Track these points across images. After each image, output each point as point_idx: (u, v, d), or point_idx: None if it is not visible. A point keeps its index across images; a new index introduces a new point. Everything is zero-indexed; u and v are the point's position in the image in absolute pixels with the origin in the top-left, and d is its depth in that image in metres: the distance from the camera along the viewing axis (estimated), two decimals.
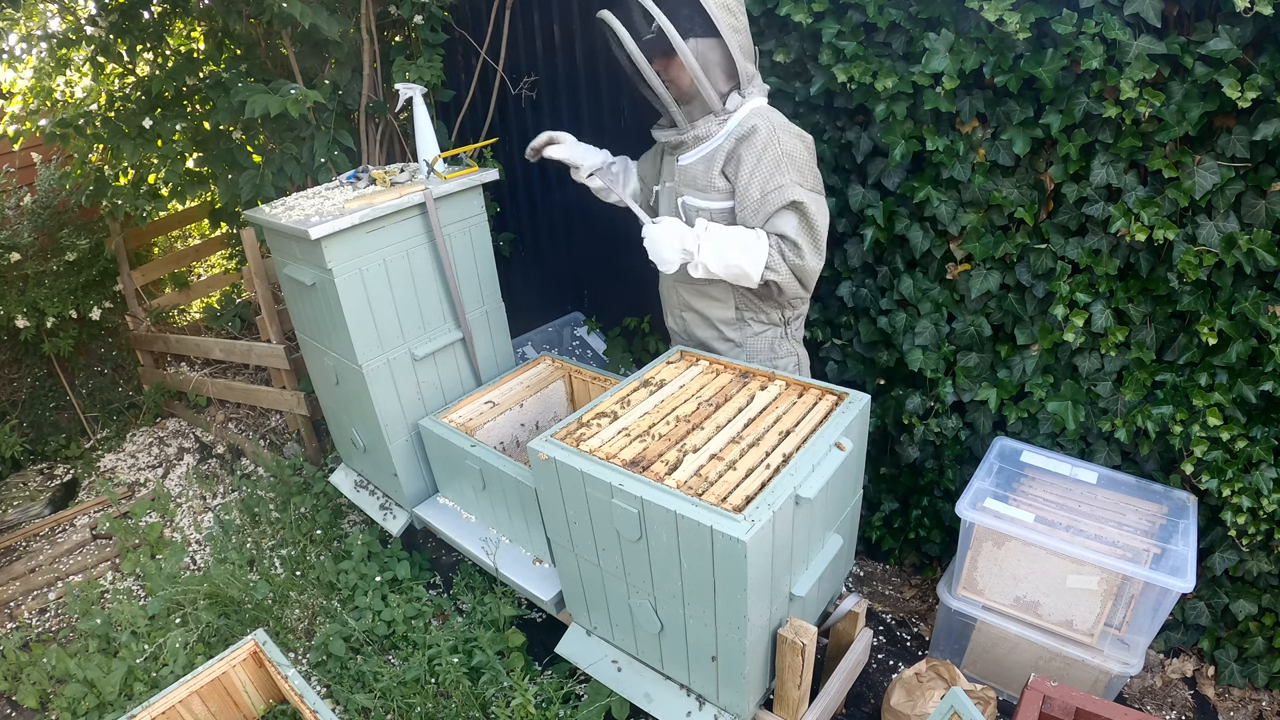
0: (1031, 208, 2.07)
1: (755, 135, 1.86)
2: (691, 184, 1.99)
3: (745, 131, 1.88)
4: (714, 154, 1.94)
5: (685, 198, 2.01)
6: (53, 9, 3.63)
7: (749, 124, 1.88)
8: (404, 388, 2.50)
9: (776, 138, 1.87)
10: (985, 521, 2.00)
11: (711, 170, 1.94)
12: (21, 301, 4.05)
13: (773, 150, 1.86)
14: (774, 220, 1.88)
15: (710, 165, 1.94)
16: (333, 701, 2.41)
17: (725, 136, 1.92)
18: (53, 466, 4.17)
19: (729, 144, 1.91)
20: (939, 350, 2.34)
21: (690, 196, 2.00)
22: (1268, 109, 1.69)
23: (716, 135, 1.93)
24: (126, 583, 3.15)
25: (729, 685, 1.77)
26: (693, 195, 2.00)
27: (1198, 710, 2.20)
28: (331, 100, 3.29)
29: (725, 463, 1.73)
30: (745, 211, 1.91)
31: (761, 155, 1.86)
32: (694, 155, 1.98)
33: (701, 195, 1.98)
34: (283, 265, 2.48)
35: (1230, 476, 1.95)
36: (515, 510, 2.25)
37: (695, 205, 2.00)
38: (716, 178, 1.94)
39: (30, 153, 4.35)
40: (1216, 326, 1.89)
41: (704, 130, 1.94)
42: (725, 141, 1.92)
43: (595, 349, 3.45)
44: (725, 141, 1.92)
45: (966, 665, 2.26)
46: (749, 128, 1.87)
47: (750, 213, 1.90)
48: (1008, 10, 1.85)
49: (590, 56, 3.02)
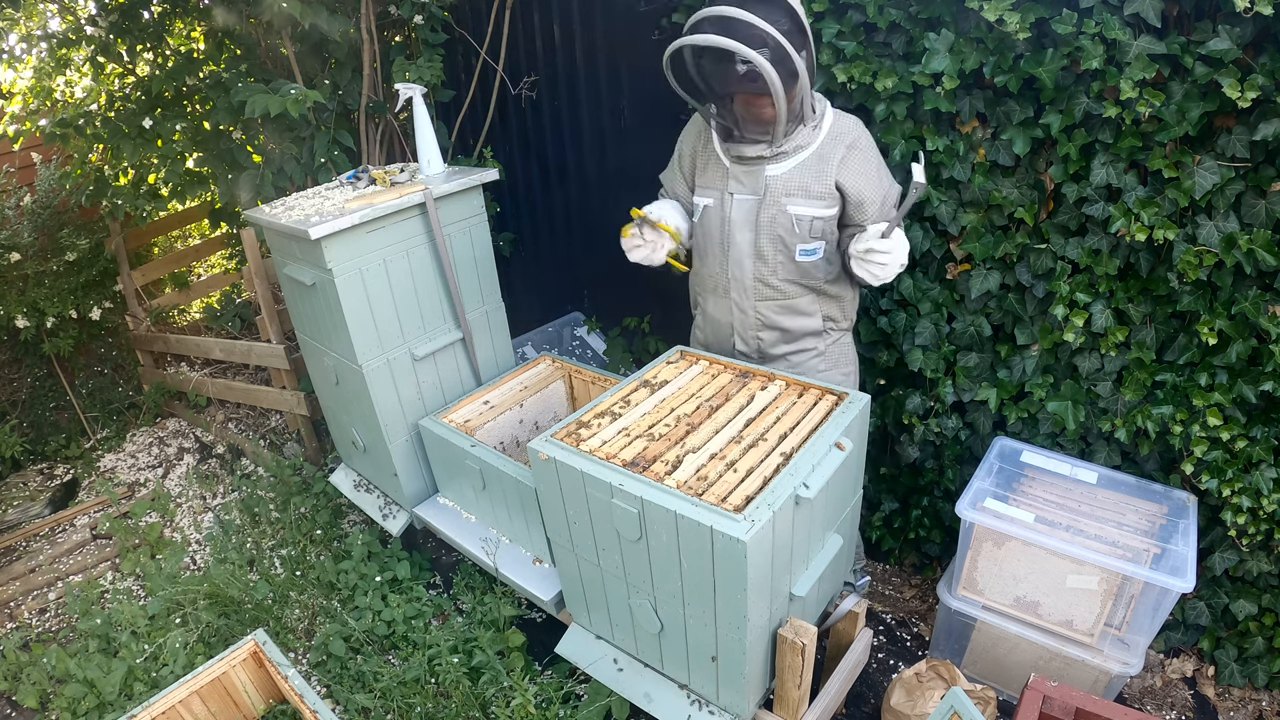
0: (1031, 208, 2.07)
1: (861, 143, 1.91)
2: (800, 193, 1.93)
3: (851, 139, 1.90)
4: (819, 162, 1.91)
5: (794, 208, 1.93)
6: (53, 9, 3.63)
7: (849, 132, 1.91)
8: (404, 388, 2.50)
9: (872, 142, 1.94)
10: (985, 521, 2.00)
11: (825, 179, 1.90)
12: (21, 301, 4.05)
13: (874, 152, 1.93)
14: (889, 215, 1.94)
15: (822, 174, 1.91)
16: (333, 701, 2.41)
17: (821, 142, 1.91)
18: (53, 466, 4.17)
19: (834, 151, 1.90)
20: (939, 350, 2.34)
21: (800, 206, 1.93)
22: (1268, 109, 1.69)
23: (814, 142, 1.91)
24: (126, 583, 3.15)
25: (729, 685, 1.77)
26: (805, 205, 1.93)
27: (1198, 710, 2.20)
28: (331, 100, 3.29)
29: (725, 463, 1.73)
30: (874, 213, 1.93)
31: (868, 162, 1.91)
32: (788, 164, 1.93)
33: (820, 204, 1.93)
34: (283, 265, 2.48)
35: (1230, 476, 1.95)
36: (515, 510, 2.25)
37: (810, 215, 1.94)
38: (832, 187, 1.91)
39: (30, 153, 4.36)
40: (1216, 326, 1.88)
41: (802, 140, 1.91)
42: (826, 148, 1.90)
43: (595, 349, 3.45)
44: (826, 148, 1.90)
45: (966, 665, 2.26)
46: (852, 137, 1.90)
47: (877, 213, 1.93)
48: (1008, 10, 1.85)
49: (590, 56, 3.03)
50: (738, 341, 2.17)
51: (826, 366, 2.14)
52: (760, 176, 1.95)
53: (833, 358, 2.14)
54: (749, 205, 1.99)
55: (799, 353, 2.12)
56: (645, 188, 3.05)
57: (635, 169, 3.06)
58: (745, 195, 1.99)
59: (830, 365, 2.14)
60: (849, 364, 2.19)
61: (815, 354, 2.12)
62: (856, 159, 1.90)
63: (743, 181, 1.98)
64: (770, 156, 1.92)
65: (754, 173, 1.96)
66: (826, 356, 2.13)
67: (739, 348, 2.18)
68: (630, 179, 3.09)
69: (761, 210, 1.97)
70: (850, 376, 2.20)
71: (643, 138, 2.98)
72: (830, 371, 2.14)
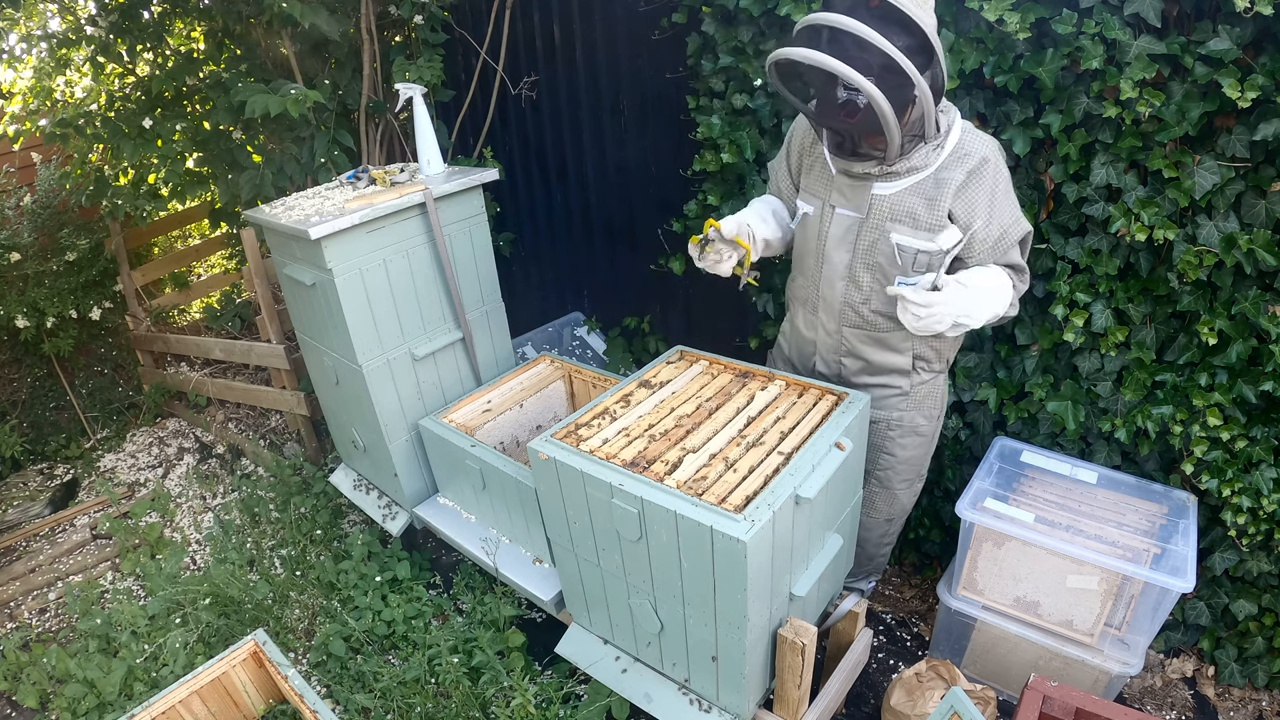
0: (1031, 208, 2.07)
1: (986, 167, 1.66)
2: (907, 220, 1.71)
3: (975, 163, 1.65)
4: (934, 187, 1.68)
5: (899, 237, 1.73)
6: (53, 9, 3.63)
7: (975, 152, 1.66)
8: (404, 388, 2.50)
9: (1001, 167, 1.69)
10: (985, 521, 1.99)
11: (938, 207, 1.67)
12: (21, 301, 4.05)
13: (1003, 182, 1.68)
14: (1008, 253, 1.73)
15: (935, 201, 1.68)
16: (333, 701, 2.41)
17: (942, 164, 1.68)
18: (53, 466, 4.17)
19: (954, 175, 1.66)
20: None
21: (904, 235, 1.72)
22: (1268, 109, 1.69)
23: (933, 164, 1.68)
24: (126, 583, 3.15)
25: (729, 685, 1.77)
26: (909, 234, 1.72)
27: (1198, 710, 2.19)
28: (331, 100, 3.29)
29: (725, 463, 1.73)
30: (982, 251, 1.70)
31: (995, 190, 1.67)
32: (899, 185, 1.71)
33: (925, 235, 1.70)
34: (283, 265, 2.48)
35: (1230, 476, 1.95)
36: (515, 510, 2.25)
37: (915, 247, 1.71)
38: (944, 217, 1.68)
39: (30, 153, 4.36)
40: (1216, 326, 1.88)
41: (920, 160, 1.67)
42: (946, 170, 1.67)
43: (595, 349, 3.45)
44: (946, 170, 1.67)
45: (966, 665, 2.26)
46: (978, 158, 1.66)
47: (988, 252, 1.71)
48: (1008, 10, 1.85)
49: (590, 56, 3.03)
50: (819, 363, 2.03)
51: (909, 408, 1.96)
52: (866, 194, 1.75)
53: (917, 399, 1.96)
54: (849, 224, 1.80)
55: (882, 388, 1.95)
56: (645, 187, 3.06)
57: (635, 169, 3.07)
58: (847, 211, 1.79)
59: (913, 407, 1.96)
60: (935, 406, 2.00)
61: (899, 393, 1.95)
62: (975, 185, 1.66)
63: (846, 196, 1.79)
64: (879, 175, 1.72)
65: (860, 189, 1.76)
66: (911, 397, 1.95)
67: (819, 369, 2.04)
68: (630, 179, 3.10)
69: (862, 232, 1.78)
70: (933, 420, 2.02)
71: (643, 137, 2.98)
72: (912, 414, 1.97)
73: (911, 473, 2.12)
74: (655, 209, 3.01)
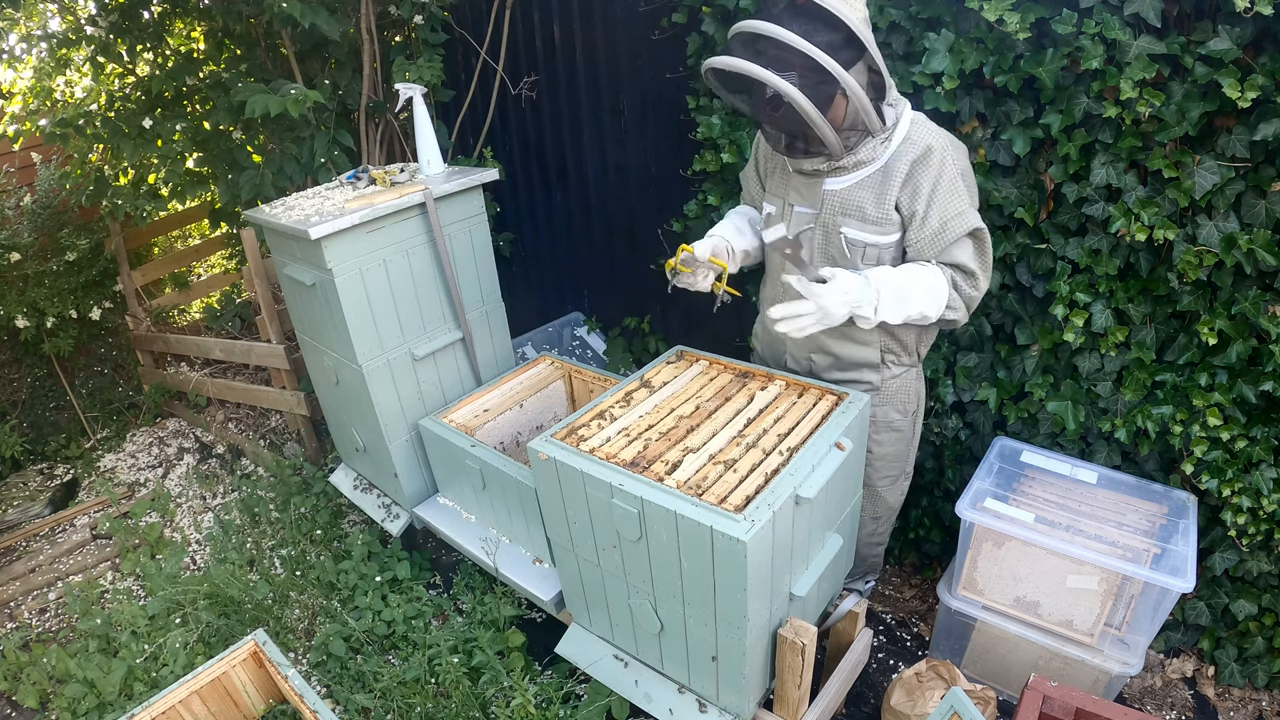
0: (1031, 208, 2.07)
1: (931, 156, 1.66)
2: (855, 215, 1.74)
3: (919, 152, 1.67)
4: (882, 179, 1.70)
5: (848, 231, 1.76)
6: (53, 9, 3.63)
7: (920, 142, 1.67)
8: (404, 388, 2.50)
9: (949, 156, 1.68)
10: (985, 521, 1.99)
11: (885, 201, 1.70)
12: (21, 301, 4.05)
13: (949, 172, 1.67)
14: (951, 250, 1.71)
15: (882, 195, 1.70)
16: (333, 701, 2.41)
17: (891, 157, 1.70)
18: (53, 466, 4.17)
19: (901, 166, 1.68)
20: (939, 350, 2.34)
21: (853, 229, 1.75)
22: (1268, 109, 1.68)
23: (881, 157, 1.70)
24: (126, 583, 3.15)
25: (729, 685, 1.77)
26: (857, 228, 1.75)
27: (1198, 710, 2.19)
28: (331, 100, 3.29)
29: (725, 463, 1.73)
30: (921, 243, 1.71)
31: (938, 180, 1.66)
32: (849, 180, 1.74)
33: (873, 229, 1.73)
34: (283, 265, 2.48)
35: (1230, 476, 1.95)
36: (515, 510, 2.25)
37: (864, 240, 1.75)
38: (890, 210, 1.70)
39: (30, 153, 4.36)
40: (1216, 326, 1.88)
41: (867, 154, 1.69)
42: (893, 162, 1.69)
43: (595, 349, 3.45)
44: (893, 162, 1.69)
45: (966, 665, 2.26)
46: (922, 147, 1.67)
47: (926, 244, 1.70)
48: (1008, 10, 1.85)
49: (590, 56, 3.03)
50: (789, 359, 2.07)
51: (881, 402, 1.98)
52: (819, 190, 1.79)
53: (889, 393, 1.98)
54: (806, 219, 1.84)
55: (853, 384, 1.97)
56: (645, 187, 3.06)
57: (635, 169, 3.07)
58: (804, 209, 1.83)
59: (884, 401, 1.98)
60: (908, 401, 2.01)
61: (870, 388, 1.97)
62: (919, 174, 1.67)
63: (802, 194, 1.83)
64: (828, 171, 1.74)
65: (813, 185, 1.79)
66: (883, 392, 1.97)
67: (790, 366, 2.08)
68: (630, 179, 3.10)
69: (816, 228, 1.82)
70: (908, 415, 2.03)
71: (643, 137, 2.98)
72: (885, 409, 1.99)
73: (893, 470, 2.12)
74: (655, 209, 3.01)
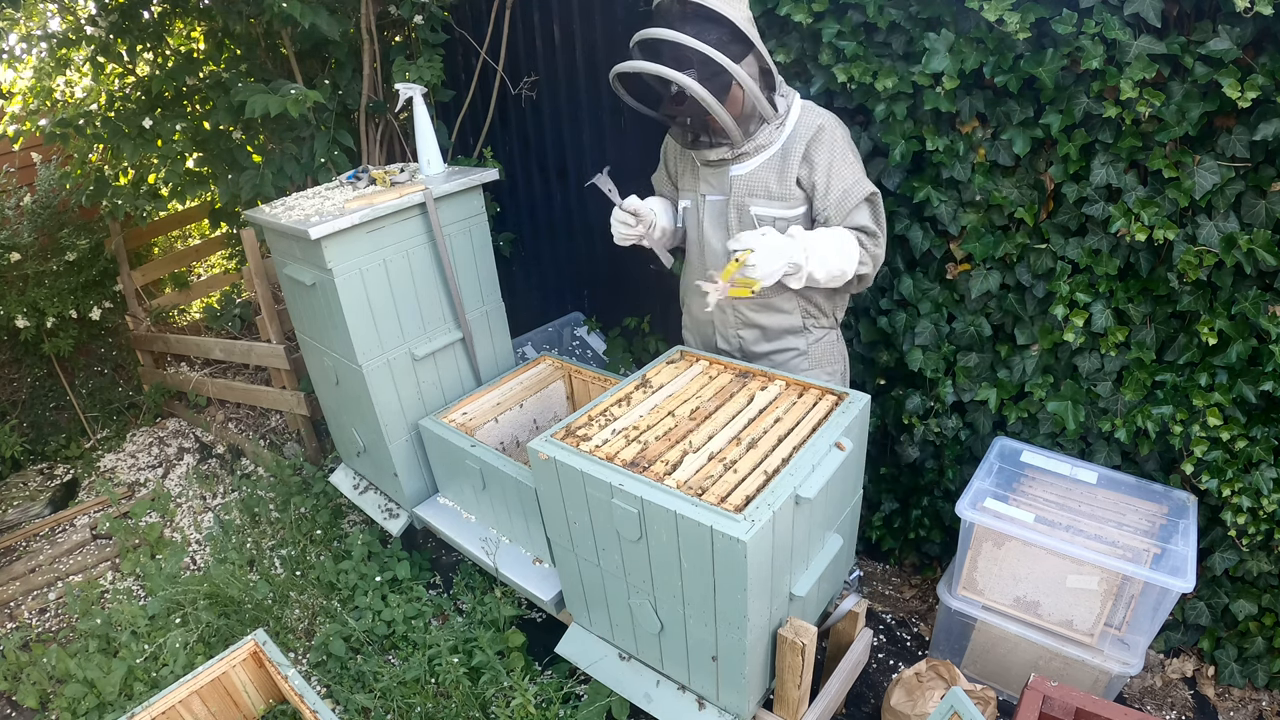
0: (1031, 208, 2.07)
1: (823, 134, 1.85)
2: (762, 193, 1.93)
3: (811, 132, 1.86)
4: (781, 160, 1.90)
5: (756, 209, 1.94)
6: (53, 9, 3.63)
7: (811, 123, 1.87)
8: (404, 388, 2.50)
9: (838, 133, 1.87)
10: (985, 521, 2.00)
11: (786, 178, 1.89)
12: (21, 301, 4.05)
13: (840, 146, 1.87)
14: (853, 214, 1.88)
15: (783, 173, 1.89)
16: (333, 701, 2.41)
17: (786, 139, 1.89)
18: (53, 466, 4.17)
19: (797, 146, 1.87)
20: (939, 350, 2.34)
21: (761, 207, 1.94)
22: (1268, 109, 1.69)
23: (778, 140, 1.90)
24: (126, 583, 3.15)
25: (729, 685, 1.77)
26: (765, 205, 1.94)
27: (1198, 710, 2.20)
28: (331, 100, 3.29)
29: (725, 463, 1.73)
30: (828, 211, 1.88)
31: (833, 154, 1.85)
32: (752, 164, 1.93)
33: (780, 204, 1.92)
34: (283, 265, 2.48)
35: (1230, 476, 1.95)
36: (515, 510, 2.25)
37: (771, 215, 1.94)
38: (792, 185, 1.89)
39: (30, 153, 4.36)
40: (1216, 326, 1.88)
41: (765, 139, 1.89)
42: (790, 144, 1.88)
43: (595, 349, 3.45)
44: (790, 144, 1.88)
45: (966, 665, 2.26)
46: (814, 127, 1.86)
47: (833, 212, 1.88)
48: (1008, 10, 1.85)
49: (590, 56, 3.02)
50: (719, 340, 2.18)
51: (810, 366, 2.11)
52: (726, 177, 1.97)
53: (816, 357, 2.11)
54: (718, 206, 2.01)
55: (781, 352, 2.11)
56: (645, 188, 3.05)
57: (635, 169, 3.06)
58: (715, 197, 2.01)
59: (814, 364, 2.12)
60: (835, 363, 2.16)
61: (797, 353, 2.10)
62: (815, 152, 1.86)
63: (711, 183, 2.01)
64: (733, 158, 1.92)
65: (721, 173, 1.98)
66: (809, 356, 2.11)
67: (721, 346, 2.19)
68: (630, 179, 3.09)
69: (729, 210, 1.99)
70: (836, 376, 2.17)
71: (642, 137, 2.97)
72: (814, 370, 2.12)
73: None
74: None
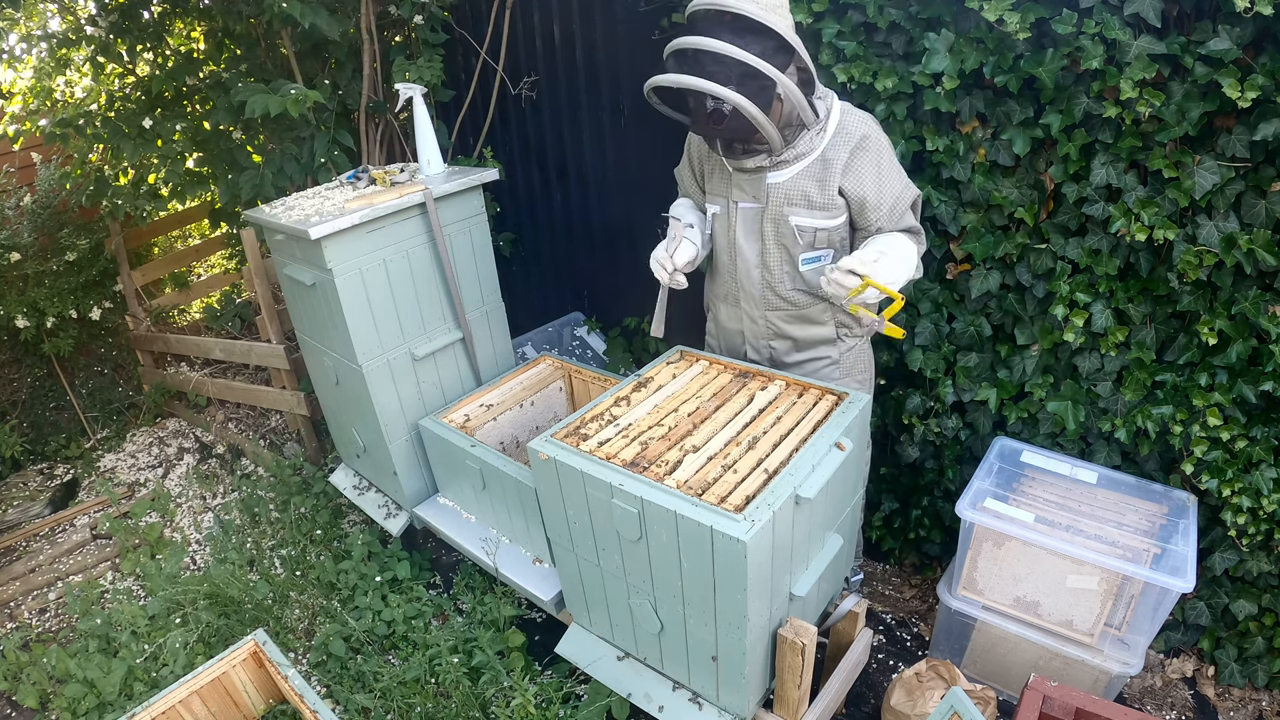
0: (1031, 208, 2.07)
1: (868, 144, 1.80)
2: (802, 202, 1.85)
3: (856, 140, 1.79)
4: (822, 168, 1.81)
5: (795, 219, 1.86)
6: (53, 9, 3.63)
7: (855, 131, 1.80)
8: (404, 388, 2.50)
9: (883, 141, 1.83)
10: (985, 521, 2.00)
11: (828, 187, 1.81)
12: (21, 301, 4.05)
13: (886, 154, 1.82)
14: (903, 219, 1.86)
15: (824, 181, 1.81)
16: (333, 701, 2.41)
17: (827, 146, 1.81)
18: (53, 466, 4.17)
19: (839, 154, 1.79)
20: (939, 350, 2.34)
21: (801, 217, 1.86)
22: (1268, 109, 1.68)
23: (818, 147, 1.82)
24: (126, 583, 3.15)
25: (729, 685, 1.77)
26: (805, 215, 1.86)
27: (1198, 710, 2.19)
28: (331, 100, 3.29)
29: (725, 463, 1.73)
30: (880, 220, 1.83)
31: (880, 162, 1.80)
32: (790, 171, 1.84)
33: (821, 214, 1.84)
34: (283, 265, 2.48)
35: (1230, 476, 1.95)
36: (515, 510, 2.25)
37: (813, 226, 1.86)
38: (834, 195, 1.82)
39: (30, 153, 4.36)
40: (1216, 326, 1.88)
41: (805, 146, 1.80)
42: (831, 150, 1.81)
43: (595, 349, 3.45)
44: (831, 150, 1.81)
45: (966, 665, 2.26)
46: (858, 136, 1.79)
47: (885, 220, 1.83)
48: (1008, 10, 1.85)
49: (590, 56, 3.02)
50: (749, 350, 2.13)
51: (841, 374, 2.08)
52: (762, 184, 1.88)
53: (848, 365, 2.08)
54: (753, 214, 1.93)
55: (813, 361, 2.06)
56: (645, 188, 3.06)
57: (635, 169, 3.06)
58: (749, 204, 1.92)
59: (845, 373, 2.08)
60: (864, 370, 2.13)
61: (829, 362, 2.06)
62: (860, 160, 1.79)
63: (745, 190, 1.92)
64: (770, 166, 1.85)
65: (756, 181, 1.89)
66: (841, 364, 2.07)
67: (750, 356, 2.14)
68: (630, 179, 3.10)
69: (765, 220, 1.91)
70: (865, 384, 2.13)
71: (643, 137, 2.97)
72: (845, 379, 2.09)
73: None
74: (655, 209, 3.00)
